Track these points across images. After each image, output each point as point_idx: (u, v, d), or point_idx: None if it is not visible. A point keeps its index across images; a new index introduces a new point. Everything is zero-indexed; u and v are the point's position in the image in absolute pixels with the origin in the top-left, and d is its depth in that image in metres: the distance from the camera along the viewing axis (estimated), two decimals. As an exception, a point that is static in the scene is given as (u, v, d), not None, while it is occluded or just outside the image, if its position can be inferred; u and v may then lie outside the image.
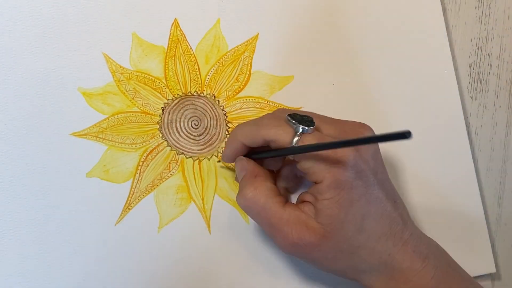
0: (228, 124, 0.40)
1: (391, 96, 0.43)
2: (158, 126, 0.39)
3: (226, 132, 0.40)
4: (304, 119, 0.32)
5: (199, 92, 0.40)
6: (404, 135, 0.24)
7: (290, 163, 0.37)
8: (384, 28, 0.43)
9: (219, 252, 0.39)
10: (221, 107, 0.40)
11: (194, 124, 0.40)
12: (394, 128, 0.42)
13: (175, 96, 0.40)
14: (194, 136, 0.40)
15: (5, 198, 0.36)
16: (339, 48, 0.42)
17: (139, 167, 0.39)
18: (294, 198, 0.40)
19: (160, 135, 0.39)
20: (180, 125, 0.40)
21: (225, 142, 0.40)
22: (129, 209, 0.38)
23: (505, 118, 0.45)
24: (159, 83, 0.39)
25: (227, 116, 0.40)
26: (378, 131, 0.42)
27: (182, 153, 0.39)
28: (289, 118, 0.32)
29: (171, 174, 0.39)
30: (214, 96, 0.40)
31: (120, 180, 0.38)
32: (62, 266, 0.37)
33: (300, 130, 0.32)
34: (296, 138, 0.32)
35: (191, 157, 0.39)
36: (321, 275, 0.40)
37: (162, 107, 0.39)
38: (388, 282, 0.34)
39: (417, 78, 0.43)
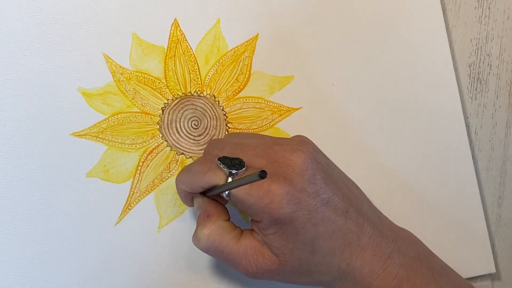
0: (228, 125, 0.40)
1: (391, 96, 0.43)
2: (158, 126, 0.39)
3: (226, 133, 0.40)
4: (233, 162, 0.32)
5: (199, 92, 0.40)
6: (261, 175, 0.25)
7: None
8: (384, 28, 0.43)
9: (219, 252, 0.39)
10: (221, 107, 0.40)
11: (194, 124, 0.40)
12: (394, 128, 0.42)
13: (175, 96, 0.40)
14: (194, 136, 0.40)
15: (5, 198, 0.36)
16: (339, 48, 0.42)
17: (139, 167, 0.39)
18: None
19: (160, 135, 0.39)
20: (180, 125, 0.40)
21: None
22: (129, 209, 0.38)
23: (505, 118, 0.45)
24: (159, 83, 0.39)
25: (227, 116, 0.40)
26: (379, 130, 0.42)
27: (182, 153, 0.39)
28: (218, 162, 0.33)
29: (171, 174, 0.39)
30: (214, 96, 0.40)
31: (120, 180, 0.38)
32: (62, 266, 0.37)
33: (231, 173, 0.32)
34: (229, 180, 0.32)
35: (191, 157, 0.40)
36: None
37: (162, 107, 0.39)
38: (353, 287, 0.34)
39: (417, 78, 0.43)
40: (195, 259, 0.39)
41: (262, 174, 0.26)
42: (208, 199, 0.35)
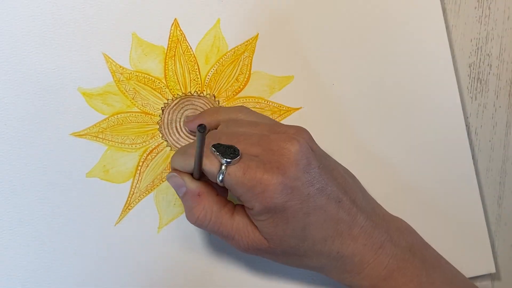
0: (228, 124, 0.40)
1: (391, 96, 0.43)
2: (158, 126, 0.39)
3: (226, 132, 0.40)
4: (228, 150, 0.32)
5: (199, 92, 0.40)
6: (200, 130, 0.28)
7: None
8: (383, 28, 0.43)
9: (219, 252, 0.39)
10: (221, 107, 0.40)
11: (194, 124, 0.40)
12: (394, 128, 0.42)
13: (175, 96, 0.40)
14: (194, 136, 0.40)
15: (5, 198, 0.36)
16: (339, 48, 0.42)
17: (139, 167, 0.39)
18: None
19: (160, 135, 0.39)
20: (180, 125, 0.40)
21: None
22: (129, 209, 0.38)
23: (505, 118, 0.45)
24: (159, 83, 0.39)
25: (227, 116, 0.40)
26: (379, 130, 0.42)
27: (182, 153, 0.39)
28: (212, 149, 0.32)
29: (171, 174, 0.39)
30: (214, 96, 0.40)
31: (120, 180, 0.38)
32: (62, 266, 0.37)
33: (224, 162, 0.32)
34: (221, 170, 0.32)
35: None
36: (323, 275, 0.40)
37: (162, 107, 0.39)
38: (342, 274, 0.35)
39: (417, 78, 0.43)
40: (195, 259, 0.39)
41: (201, 129, 0.27)
42: (192, 177, 0.35)
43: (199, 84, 0.40)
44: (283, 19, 0.41)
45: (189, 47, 0.40)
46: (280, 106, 0.41)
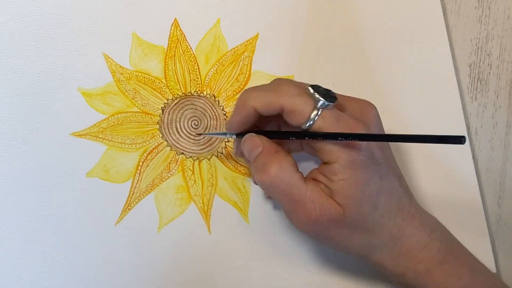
0: (228, 124, 0.40)
1: (391, 96, 0.43)
2: (158, 126, 0.39)
3: (226, 132, 0.40)
4: (328, 93, 0.31)
5: (199, 92, 0.40)
6: (460, 140, 0.25)
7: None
8: (384, 28, 0.43)
9: (219, 252, 0.39)
10: (221, 107, 0.40)
11: (194, 124, 0.40)
12: (394, 128, 0.42)
13: (175, 96, 0.40)
14: (194, 136, 0.40)
15: (5, 198, 0.36)
16: (339, 48, 0.42)
17: (139, 167, 0.39)
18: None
19: (160, 135, 0.39)
20: (180, 125, 0.40)
21: (224, 144, 0.40)
22: (129, 209, 0.38)
23: (505, 118, 0.45)
24: (159, 83, 0.39)
25: (227, 116, 0.40)
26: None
27: (182, 153, 0.39)
28: (311, 89, 0.31)
29: (171, 174, 0.39)
30: (214, 96, 0.40)
31: (120, 180, 0.38)
32: (62, 266, 0.37)
33: (321, 104, 0.30)
34: (315, 112, 0.31)
35: (191, 157, 0.39)
36: (323, 275, 0.40)
37: (162, 107, 0.39)
38: (398, 258, 0.34)
39: (417, 78, 0.43)
40: (195, 259, 0.39)
41: (463, 140, 0.25)
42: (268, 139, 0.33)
43: (199, 84, 0.40)
44: (283, 19, 0.41)
45: (189, 47, 0.40)
46: (280, 106, 0.41)
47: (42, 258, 0.37)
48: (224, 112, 0.40)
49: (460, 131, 0.43)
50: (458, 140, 0.24)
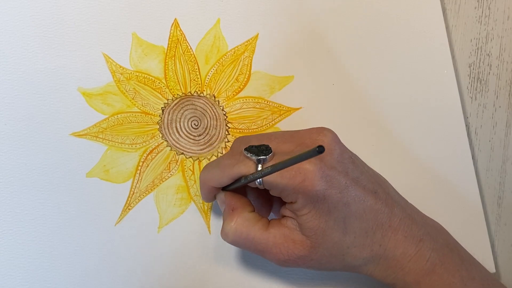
0: (228, 124, 0.40)
1: (391, 96, 0.43)
2: (158, 126, 0.39)
3: (226, 132, 0.40)
4: (260, 149, 0.33)
5: (199, 92, 0.40)
6: (319, 151, 0.25)
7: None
8: (384, 28, 0.43)
9: (219, 252, 0.39)
10: (221, 107, 0.40)
11: (194, 124, 0.40)
12: (394, 128, 0.42)
13: (175, 96, 0.40)
14: (194, 136, 0.40)
15: (5, 198, 0.36)
16: (339, 48, 0.42)
17: (139, 167, 0.39)
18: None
19: (160, 135, 0.39)
20: (180, 125, 0.40)
21: (224, 145, 0.40)
22: (129, 209, 0.38)
23: (505, 118, 0.45)
24: (159, 83, 0.39)
25: (227, 116, 0.40)
26: (378, 131, 0.42)
27: (182, 153, 0.39)
28: (245, 152, 0.33)
29: (171, 174, 0.39)
30: (214, 96, 0.40)
31: (120, 180, 0.38)
32: (62, 266, 0.37)
33: (258, 161, 0.32)
34: (258, 169, 0.32)
35: (191, 157, 0.39)
36: (322, 275, 0.40)
37: (162, 107, 0.39)
38: (386, 270, 0.34)
39: (417, 78, 0.43)
40: (195, 259, 0.39)
41: (320, 149, 0.25)
42: (230, 192, 0.35)
43: (199, 84, 0.40)
44: (283, 19, 0.41)
45: (189, 47, 0.40)
46: (280, 106, 0.41)
47: (42, 258, 0.37)
48: (224, 112, 0.40)
49: (460, 131, 0.43)
50: (318, 152, 0.25)
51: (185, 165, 0.39)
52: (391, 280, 0.35)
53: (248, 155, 0.32)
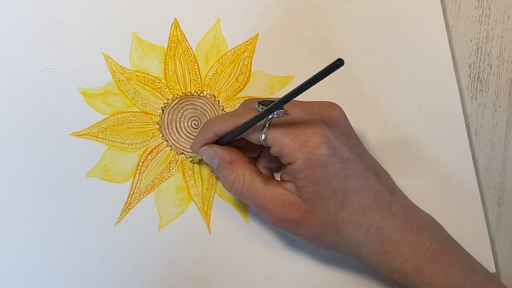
0: (228, 124, 0.40)
1: (391, 96, 0.43)
2: (158, 126, 0.39)
3: (226, 132, 0.40)
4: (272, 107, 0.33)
5: (199, 92, 0.40)
6: (339, 63, 0.25)
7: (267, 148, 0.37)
8: (384, 28, 0.43)
9: (219, 252, 0.39)
10: (221, 107, 0.40)
11: (194, 124, 0.40)
12: (394, 128, 0.42)
13: (175, 96, 0.40)
14: (194, 136, 0.40)
15: (5, 198, 0.36)
16: (339, 48, 0.42)
17: (139, 167, 0.39)
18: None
19: (160, 135, 0.39)
20: (180, 125, 0.40)
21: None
22: (129, 209, 0.38)
23: (505, 118, 0.45)
24: (159, 83, 0.39)
25: (227, 116, 0.40)
26: (379, 131, 0.42)
27: (182, 153, 0.39)
28: (258, 105, 0.33)
29: (171, 174, 0.39)
30: (214, 96, 0.40)
31: (120, 180, 0.38)
32: (62, 266, 0.37)
33: (270, 116, 0.32)
34: (265, 124, 0.32)
35: (191, 157, 0.39)
36: (322, 275, 0.40)
37: (162, 107, 0.39)
38: (381, 255, 0.34)
39: (417, 78, 0.43)
40: (195, 259, 0.39)
41: (340, 61, 0.25)
42: (224, 146, 0.35)
43: (199, 84, 0.40)
44: (283, 19, 0.41)
45: (189, 47, 0.40)
46: (280, 106, 0.41)
47: (41, 258, 0.37)
48: (224, 112, 0.40)
49: (460, 131, 0.43)
50: (337, 65, 0.25)
51: (185, 165, 0.39)
52: (388, 266, 0.34)
53: (260, 107, 0.32)
